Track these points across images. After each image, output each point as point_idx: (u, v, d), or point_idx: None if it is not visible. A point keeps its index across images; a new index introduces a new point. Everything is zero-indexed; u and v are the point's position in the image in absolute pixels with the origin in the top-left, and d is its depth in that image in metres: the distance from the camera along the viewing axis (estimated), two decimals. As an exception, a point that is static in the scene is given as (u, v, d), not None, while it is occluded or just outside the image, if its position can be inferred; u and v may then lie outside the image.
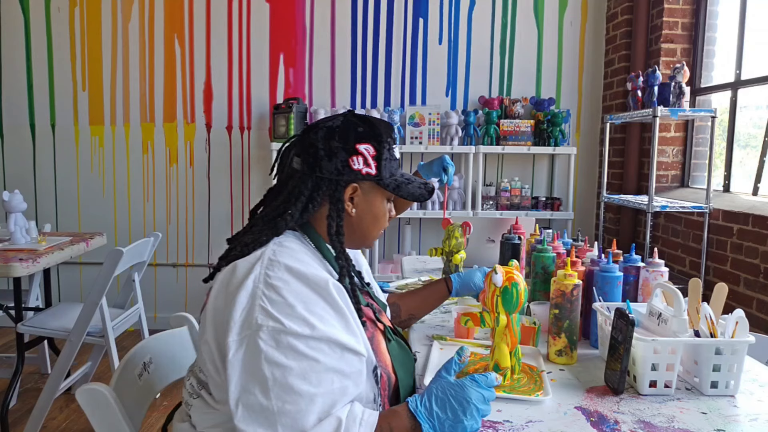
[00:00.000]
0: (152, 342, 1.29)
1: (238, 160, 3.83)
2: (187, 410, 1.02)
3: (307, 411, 0.85)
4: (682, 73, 2.83)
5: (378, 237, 1.12)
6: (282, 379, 0.85)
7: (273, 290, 0.89)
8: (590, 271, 1.43)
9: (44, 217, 3.82)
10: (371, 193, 1.06)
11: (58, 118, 3.81)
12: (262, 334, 0.86)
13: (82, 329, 2.36)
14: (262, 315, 0.87)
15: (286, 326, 0.86)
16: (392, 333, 1.14)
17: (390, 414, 0.92)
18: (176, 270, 3.90)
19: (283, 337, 0.86)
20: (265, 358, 0.85)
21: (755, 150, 2.82)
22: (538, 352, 1.30)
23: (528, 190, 3.64)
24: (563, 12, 3.72)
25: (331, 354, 0.89)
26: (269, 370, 0.85)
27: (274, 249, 0.95)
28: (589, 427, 0.99)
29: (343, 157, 1.01)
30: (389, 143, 1.06)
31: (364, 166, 1.02)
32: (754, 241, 2.47)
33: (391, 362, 1.07)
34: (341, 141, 1.02)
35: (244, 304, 0.89)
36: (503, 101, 3.65)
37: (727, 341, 1.13)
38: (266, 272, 0.91)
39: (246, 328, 0.87)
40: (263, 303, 0.88)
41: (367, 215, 1.07)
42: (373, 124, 1.05)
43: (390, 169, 1.06)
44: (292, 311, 0.87)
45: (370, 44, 3.74)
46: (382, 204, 1.09)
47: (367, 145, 1.03)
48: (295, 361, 0.86)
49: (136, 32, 3.75)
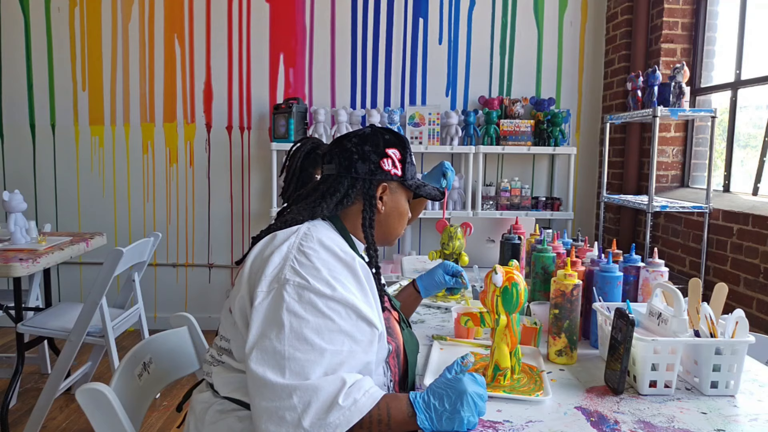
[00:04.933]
0: (152, 342, 1.29)
1: (238, 160, 3.83)
2: (208, 380, 1.09)
3: (315, 362, 0.93)
4: (682, 73, 2.82)
5: (400, 235, 1.27)
6: (298, 329, 0.94)
7: (303, 255, 1.00)
8: (590, 271, 1.43)
9: (44, 217, 3.82)
10: (397, 192, 1.21)
11: (58, 118, 3.81)
12: (288, 288, 0.96)
13: (82, 329, 2.35)
14: (291, 272, 0.98)
15: (310, 283, 0.97)
16: (406, 323, 1.26)
17: (392, 397, 0.98)
18: (176, 270, 3.90)
19: (306, 293, 0.96)
20: (286, 307, 0.95)
21: (755, 150, 2.82)
22: (538, 352, 1.30)
23: (528, 190, 3.64)
24: (563, 12, 3.72)
25: (346, 318, 0.98)
26: (288, 318, 0.94)
27: (309, 227, 1.08)
28: (589, 427, 0.99)
29: (375, 160, 1.16)
30: (410, 150, 1.23)
31: (392, 168, 1.17)
32: (754, 241, 2.47)
33: (404, 345, 1.19)
34: (373, 146, 1.17)
35: (277, 263, 1.00)
36: (503, 101, 3.65)
37: (727, 341, 1.13)
38: (300, 242, 1.03)
39: (275, 282, 0.98)
40: (293, 264, 0.99)
41: (394, 212, 1.20)
42: (396, 134, 1.21)
43: (411, 172, 1.22)
44: (318, 273, 0.98)
45: (370, 44, 3.74)
46: (405, 203, 1.23)
47: (394, 149, 1.18)
48: (313, 316, 0.95)
49: (136, 32, 3.75)
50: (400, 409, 0.95)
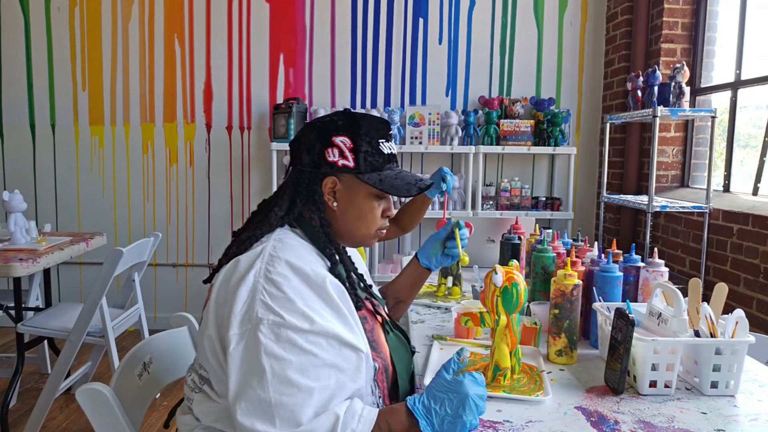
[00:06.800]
0: (152, 342, 1.29)
1: (238, 160, 3.83)
2: (188, 404, 1.03)
3: (304, 404, 0.87)
4: (682, 73, 2.82)
5: (374, 236, 1.11)
6: (280, 372, 0.86)
7: (273, 285, 0.91)
8: (590, 271, 1.43)
9: (44, 217, 3.82)
10: (353, 187, 1.05)
11: (58, 118, 3.81)
12: (263, 328, 0.88)
13: (82, 329, 2.35)
14: (263, 309, 0.89)
15: (286, 320, 0.88)
16: (391, 326, 1.15)
17: (389, 411, 0.93)
18: (176, 270, 3.90)
19: (283, 331, 0.88)
20: (264, 350, 0.87)
21: (755, 150, 2.82)
22: (538, 352, 1.30)
23: (528, 190, 3.64)
24: (563, 12, 3.72)
25: (329, 349, 0.90)
26: (268, 362, 0.86)
27: (274, 245, 0.97)
28: (589, 427, 0.99)
29: (318, 149, 1.03)
30: (371, 137, 1.04)
31: (340, 158, 1.02)
32: (754, 241, 2.47)
33: (390, 354, 1.08)
34: (318, 134, 1.04)
35: (245, 298, 0.90)
36: (503, 101, 3.64)
37: (727, 341, 1.13)
38: (267, 267, 0.93)
39: (247, 322, 0.89)
40: (264, 297, 0.90)
41: (349, 210, 1.06)
42: (355, 118, 1.05)
43: (373, 163, 1.04)
44: (292, 306, 0.89)
45: (370, 44, 3.74)
46: (366, 200, 1.06)
47: (343, 137, 1.03)
48: (294, 355, 0.88)
49: (136, 32, 3.75)
50: (400, 421, 0.91)
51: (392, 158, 1.09)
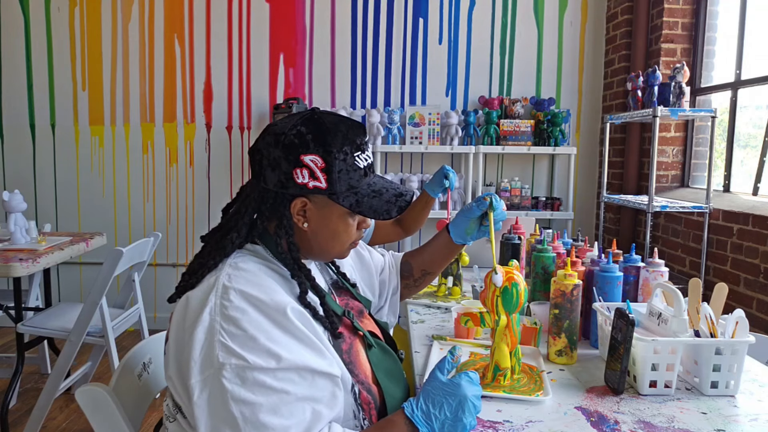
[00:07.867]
0: (152, 342, 1.29)
1: (238, 160, 3.83)
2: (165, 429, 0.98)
3: None
4: (682, 73, 2.82)
5: (349, 250, 1.03)
6: (252, 417, 0.80)
7: (231, 323, 0.82)
8: (590, 271, 1.43)
9: (44, 217, 3.82)
10: (326, 207, 0.95)
11: (58, 118, 3.81)
12: (226, 373, 0.80)
13: (82, 329, 2.35)
14: (223, 352, 0.81)
15: (250, 362, 0.80)
16: (374, 337, 1.07)
17: (385, 424, 0.90)
18: (176, 270, 3.89)
19: (249, 373, 0.80)
20: (231, 397, 0.80)
21: (755, 150, 2.82)
22: (538, 352, 1.30)
23: (528, 190, 3.64)
24: (563, 12, 3.72)
25: (301, 382, 0.83)
26: (237, 409, 0.80)
27: (228, 273, 0.88)
28: (589, 427, 0.99)
29: (286, 169, 0.91)
30: (345, 153, 0.92)
31: (310, 180, 0.91)
32: (754, 241, 2.47)
33: (372, 372, 1.00)
34: (284, 151, 0.91)
35: (202, 340, 0.82)
36: (503, 101, 3.64)
37: (727, 341, 1.13)
38: (222, 302, 0.84)
39: (208, 367, 0.81)
40: (222, 338, 0.81)
41: (323, 230, 0.97)
42: (325, 130, 0.92)
43: (349, 181, 0.93)
44: (255, 344, 0.81)
45: (370, 44, 3.74)
46: (340, 219, 0.97)
47: (313, 156, 0.90)
48: (264, 396, 0.81)
49: (136, 32, 3.75)
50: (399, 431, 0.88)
51: (369, 169, 0.98)
